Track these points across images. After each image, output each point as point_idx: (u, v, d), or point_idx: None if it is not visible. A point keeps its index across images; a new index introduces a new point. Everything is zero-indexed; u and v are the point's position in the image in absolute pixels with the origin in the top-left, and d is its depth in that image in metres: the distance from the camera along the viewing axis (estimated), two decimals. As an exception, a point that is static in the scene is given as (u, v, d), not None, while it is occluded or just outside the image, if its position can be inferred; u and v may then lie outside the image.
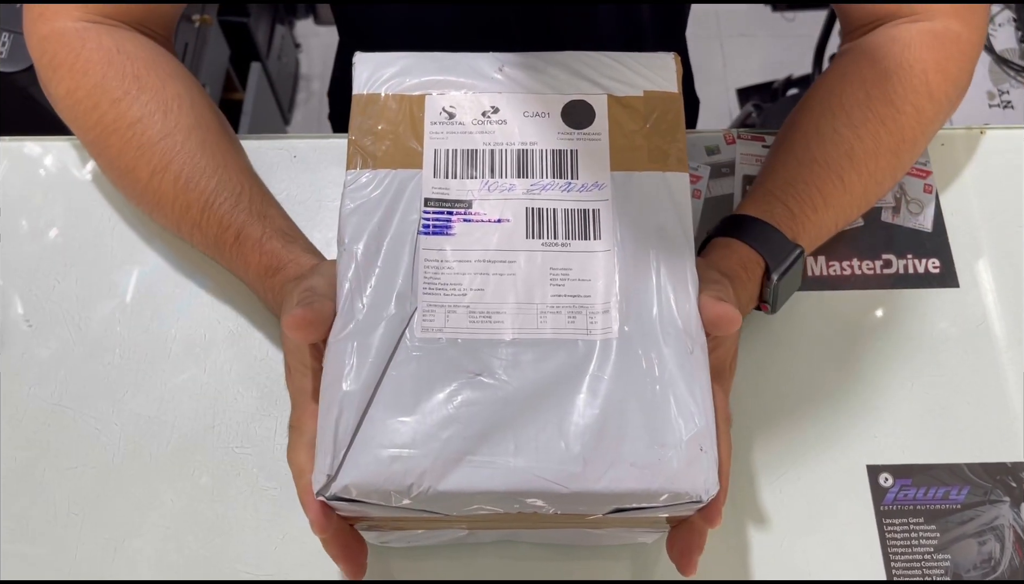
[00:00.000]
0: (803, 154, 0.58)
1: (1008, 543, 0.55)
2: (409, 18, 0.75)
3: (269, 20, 1.79)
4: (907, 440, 0.58)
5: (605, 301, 0.46)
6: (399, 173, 0.48)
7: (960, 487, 0.57)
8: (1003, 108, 1.18)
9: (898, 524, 0.56)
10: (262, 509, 0.56)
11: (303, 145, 0.67)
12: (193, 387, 0.59)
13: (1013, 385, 0.60)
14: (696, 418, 0.43)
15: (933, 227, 0.65)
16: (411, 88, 0.50)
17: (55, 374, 0.60)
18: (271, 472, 0.57)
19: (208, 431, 0.58)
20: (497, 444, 0.42)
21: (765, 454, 0.58)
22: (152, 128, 0.57)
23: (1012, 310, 0.62)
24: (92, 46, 0.58)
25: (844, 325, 0.61)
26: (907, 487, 0.57)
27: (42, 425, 0.58)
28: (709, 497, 0.42)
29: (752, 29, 2.08)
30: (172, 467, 0.57)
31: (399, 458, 0.42)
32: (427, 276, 0.46)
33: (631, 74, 0.51)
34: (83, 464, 0.57)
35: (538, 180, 0.48)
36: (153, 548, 0.55)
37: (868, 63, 0.59)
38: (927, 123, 0.60)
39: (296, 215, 0.61)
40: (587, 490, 0.42)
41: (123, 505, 0.56)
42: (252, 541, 0.55)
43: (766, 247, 0.55)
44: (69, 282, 0.62)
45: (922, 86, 0.58)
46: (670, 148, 0.49)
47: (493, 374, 0.44)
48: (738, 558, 0.55)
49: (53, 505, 0.56)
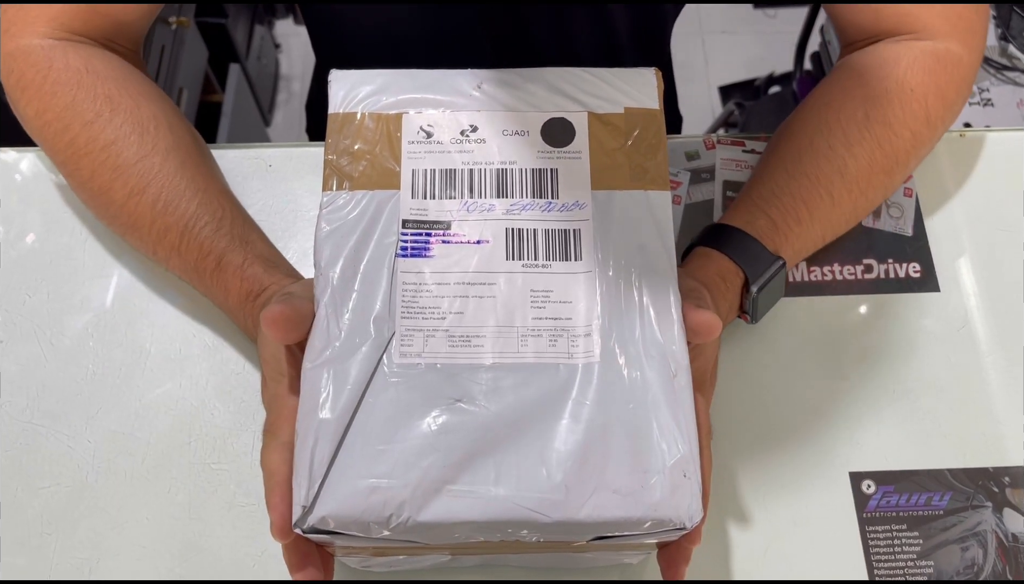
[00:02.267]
0: (793, 167, 0.58)
1: (991, 548, 0.55)
2: (381, 24, 0.74)
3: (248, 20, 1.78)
4: (889, 446, 0.58)
5: (587, 324, 0.45)
6: (376, 194, 0.47)
7: (943, 493, 0.57)
8: (983, 106, 1.18)
9: (881, 531, 0.56)
10: (240, 526, 0.55)
11: (278, 154, 0.66)
12: (168, 402, 0.58)
13: (995, 389, 0.60)
14: (680, 444, 0.42)
15: (914, 231, 0.64)
16: (388, 106, 0.49)
17: (26, 390, 0.59)
18: (248, 488, 0.56)
19: (184, 447, 0.57)
20: (478, 472, 0.41)
21: (748, 461, 0.57)
22: (128, 150, 0.56)
23: (993, 314, 0.62)
24: (60, 66, 0.57)
25: (825, 330, 0.61)
26: (890, 494, 0.57)
27: (13, 443, 0.57)
28: (693, 524, 0.42)
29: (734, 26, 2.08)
30: (147, 484, 0.56)
31: (377, 488, 0.41)
32: (405, 300, 0.45)
33: (611, 90, 0.50)
34: (56, 482, 0.56)
35: (518, 200, 0.47)
36: (129, 567, 0.54)
37: (870, 81, 0.59)
38: (921, 146, 0.60)
39: (272, 225, 0.60)
40: (569, 519, 0.41)
41: (98, 524, 0.55)
42: (230, 558, 0.54)
43: (745, 258, 0.55)
44: (40, 296, 0.61)
45: (921, 111, 0.58)
46: (651, 166, 0.48)
47: (473, 400, 0.43)
48: (721, 565, 0.55)
49: (26, 524, 0.55)
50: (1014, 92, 1.20)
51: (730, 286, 0.55)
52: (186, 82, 1.45)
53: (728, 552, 0.55)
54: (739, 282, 0.55)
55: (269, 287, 0.53)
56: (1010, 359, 0.60)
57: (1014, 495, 0.57)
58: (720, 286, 0.54)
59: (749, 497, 0.56)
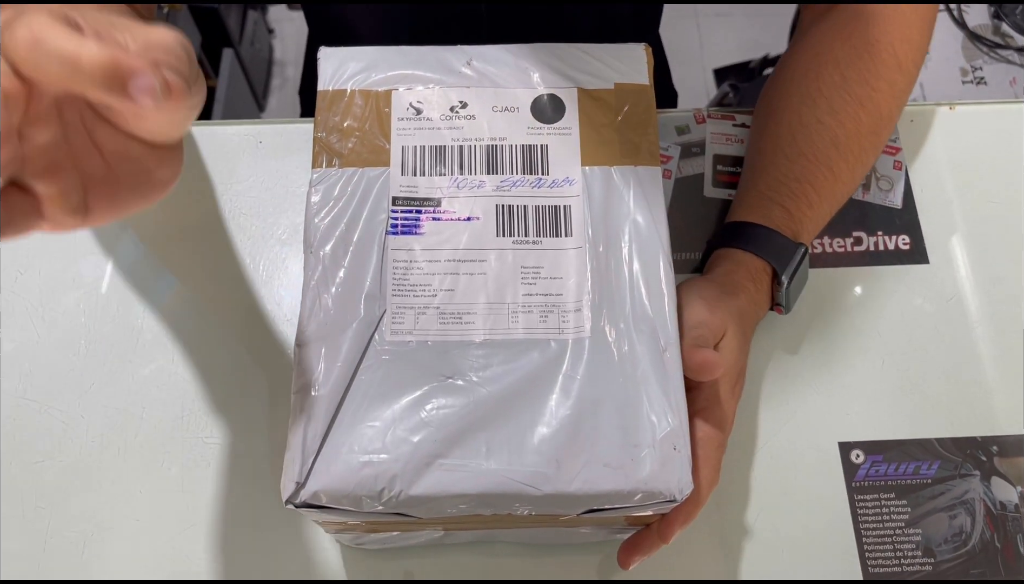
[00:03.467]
0: (789, 148, 0.58)
1: (979, 516, 0.56)
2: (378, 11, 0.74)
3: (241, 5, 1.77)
4: (879, 416, 0.58)
5: (577, 299, 0.45)
6: (366, 171, 0.47)
7: (931, 462, 0.57)
8: (976, 84, 1.18)
9: (870, 500, 0.56)
10: (232, 499, 0.55)
11: (269, 130, 0.66)
12: (161, 378, 0.58)
13: (984, 360, 0.60)
14: (669, 417, 0.43)
15: (903, 204, 0.65)
16: (377, 83, 0.49)
17: (19, 367, 0.59)
18: (241, 462, 0.56)
19: (176, 422, 0.57)
20: (469, 447, 0.42)
21: (737, 432, 0.57)
22: None
23: (983, 285, 0.62)
24: None
25: (815, 303, 0.61)
26: (878, 463, 0.57)
27: (7, 419, 0.57)
28: (683, 496, 0.42)
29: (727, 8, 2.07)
30: (141, 459, 0.56)
31: (369, 463, 0.41)
32: (396, 277, 0.45)
33: (601, 66, 0.50)
34: (50, 458, 0.56)
35: (508, 176, 0.47)
36: (123, 541, 0.55)
37: (839, 42, 0.59)
38: (900, 95, 0.59)
39: (262, 202, 0.60)
40: (560, 491, 0.41)
41: (91, 499, 0.55)
42: (222, 532, 0.55)
43: (771, 253, 0.55)
44: (32, 273, 0.61)
45: (891, 59, 0.58)
46: (641, 141, 0.48)
47: (464, 376, 0.43)
48: (709, 535, 0.55)
49: (20, 501, 0.55)
50: (1007, 70, 1.20)
51: (760, 286, 0.55)
52: (179, 66, 1.44)
53: (717, 521, 0.55)
54: (768, 278, 0.55)
55: None
56: (999, 330, 0.61)
57: (1002, 464, 0.57)
58: (749, 288, 0.54)
59: (739, 467, 0.57)
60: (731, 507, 0.56)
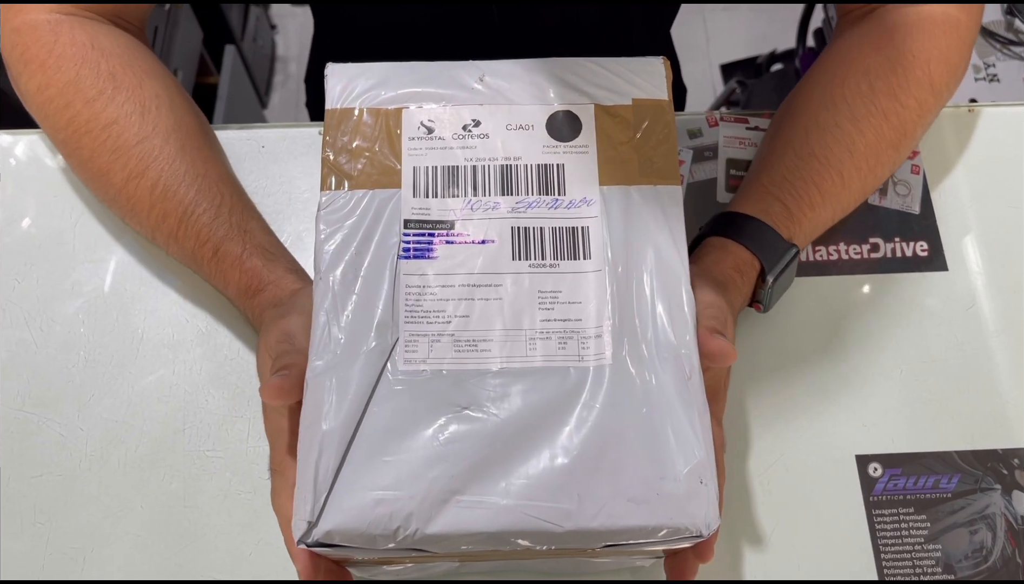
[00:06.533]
0: (802, 148, 0.56)
1: (1000, 532, 0.55)
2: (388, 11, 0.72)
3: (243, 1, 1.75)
4: (896, 428, 0.57)
5: (597, 325, 0.44)
6: (377, 193, 0.46)
7: (950, 476, 0.56)
8: (989, 81, 1.16)
9: (888, 515, 0.55)
10: (235, 514, 0.54)
11: (272, 135, 0.64)
12: (161, 389, 0.57)
13: (1003, 370, 0.58)
14: (696, 449, 0.41)
15: (921, 209, 0.63)
16: (387, 101, 0.47)
17: (17, 378, 0.57)
18: (244, 476, 0.55)
19: (178, 434, 0.56)
20: (486, 482, 0.40)
21: (753, 445, 0.56)
22: (128, 130, 0.54)
23: (1002, 293, 0.61)
24: (65, 40, 0.55)
25: (831, 311, 0.60)
26: (897, 477, 0.56)
27: (4, 432, 0.56)
28: (710, 531, 0.41)
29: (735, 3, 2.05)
30: (141, 473, 0.55)
31: (383, 501, 0.40)
32: (408, 304, 0.44)
33: (618, 81, 0.48)
34: (48, 471, 0.55)
35: (523, 197, 0.46)
36: (123, 557, 0.53)
37: (871, 51, 0.58)
38: (927, 114, 0.58)
39: (265, 207, 0.59)
40: (582, 528, 0.40)
41: (91, 513, 0.54)
42: (226, 547, 0.54)
43: (762, 248, 0.54)
44: (30, 281, 0.60)
45: (925, 78, 0.57)
46: (661, 159, 0.47)
47: (481, 407, 0.42)
48: (726, 550, 0.54)
49: (19, 515, 0.54)
50: (1020, 67, 1.18)
51: (746, 279, 0.54)
52: (181, 63, 1.43)
53: (733, 536, 0.54)
54: (754, 273, 0.54)
55: (268, 286, 0.52)
56: (1019, 339, 0.59)
57: (1023, 477, 0.56)
58: (736, 280, 0.53)
59: (754, 480, 0.56)
60: (746, 521, 0.55)
